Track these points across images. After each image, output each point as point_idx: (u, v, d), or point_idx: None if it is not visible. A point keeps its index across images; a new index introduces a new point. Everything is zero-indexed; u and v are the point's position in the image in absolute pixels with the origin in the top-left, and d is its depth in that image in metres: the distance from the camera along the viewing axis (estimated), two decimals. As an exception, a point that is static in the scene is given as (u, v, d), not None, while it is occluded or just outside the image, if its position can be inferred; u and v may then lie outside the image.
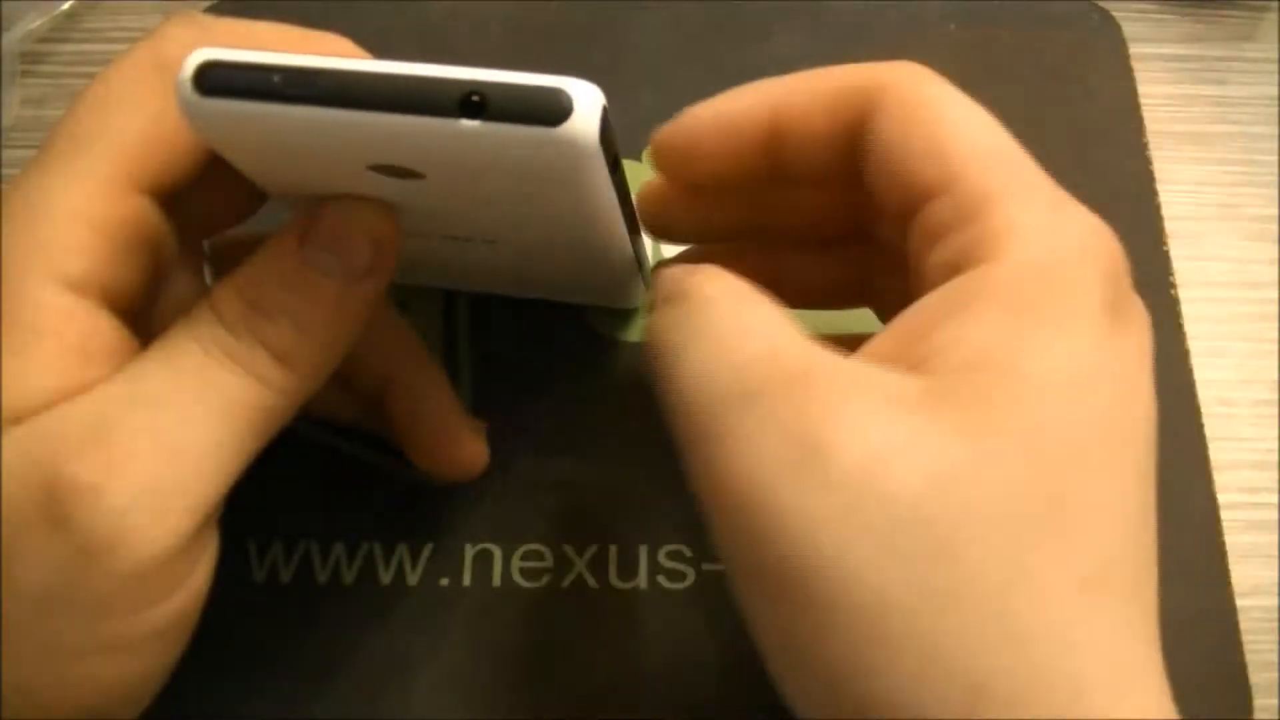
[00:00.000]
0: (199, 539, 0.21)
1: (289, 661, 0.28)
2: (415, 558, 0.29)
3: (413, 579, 0.29)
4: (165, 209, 0.22)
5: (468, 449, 0.28)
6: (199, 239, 0.25)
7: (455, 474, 0.28)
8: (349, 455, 0.30)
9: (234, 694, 0.27)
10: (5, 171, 0.35)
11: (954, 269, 0.20)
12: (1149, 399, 0.20)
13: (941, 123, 0.22)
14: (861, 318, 0.27)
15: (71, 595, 0.19)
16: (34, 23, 0.37)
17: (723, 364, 0.20)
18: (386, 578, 0.29)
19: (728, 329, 0.20)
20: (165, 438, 0.20)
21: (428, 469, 0.28)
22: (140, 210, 0.22)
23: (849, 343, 0.21)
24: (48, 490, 0.19)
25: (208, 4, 0.36)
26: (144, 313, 0.23)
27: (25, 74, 0.37)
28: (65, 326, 0.20)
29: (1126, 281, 0.21)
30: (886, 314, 0.27)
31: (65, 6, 0.37)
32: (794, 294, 0.27)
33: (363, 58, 0.23)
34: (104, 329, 0.21)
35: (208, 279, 0.26)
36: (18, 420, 0.20)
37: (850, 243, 0.26)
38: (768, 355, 0.20)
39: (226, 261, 0.22)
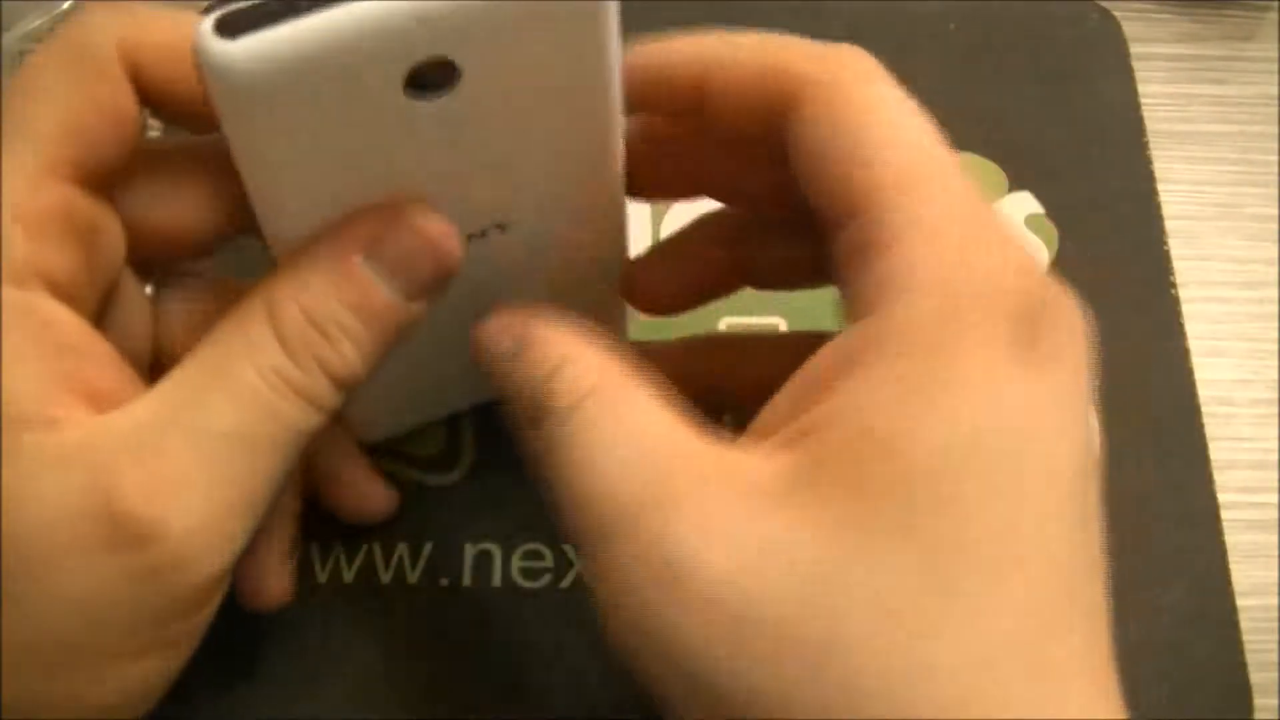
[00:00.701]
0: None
1: (289, 661, 0.28)
2: (415, 558, 0.29)
3: (413, 579, 0.29)
4: (106, 202, 0.22)
5: (368, 497, 0.28)
6: (159, 253, 0.24)
7: (360, 519, 0.28)
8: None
9: (234, 694, 0.27)
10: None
11: (863, 306, 0.19)
12: (1072, 436, 0.19)
13: (867, 132, 0.20)
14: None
15: (118, 608, 0.19)
16: (34, 23, 0.37)
17: (590, 497, 0.19)
18: (386, 578, 0.29)
19: (590, 452, 0.20)
20: (226, 470, 0.20)
21: (334, 511, 0.28)
22: (68, 199, 0.21)
23: (819, 342, 0.21)
24: (107, 515, 0.19)
25: (206, 4, 0.36)
26: (100, 308, 0.22)
27: (25, 74, 0.37)
28: (30, 320, 0.20)
29: (1046, 319, 0.19)
30: None
31: (65, 6, 0.37)
32: (766, 274, 0.27)
33: None
34: (64, 318, 0.21)
35: None
36: (26, 422, 0.19)
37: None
38: (628, 477, 0.19)
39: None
